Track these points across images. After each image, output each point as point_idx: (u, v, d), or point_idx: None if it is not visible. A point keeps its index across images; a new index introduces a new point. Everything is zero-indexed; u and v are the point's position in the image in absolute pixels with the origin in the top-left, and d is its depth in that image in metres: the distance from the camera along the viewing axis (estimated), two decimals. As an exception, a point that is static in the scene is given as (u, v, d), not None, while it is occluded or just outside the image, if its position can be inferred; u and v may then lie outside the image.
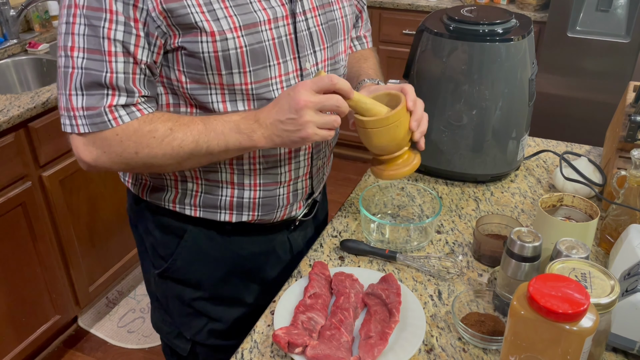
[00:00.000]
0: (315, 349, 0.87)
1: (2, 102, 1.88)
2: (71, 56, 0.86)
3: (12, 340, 1.99)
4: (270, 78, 0.95)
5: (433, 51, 1.28)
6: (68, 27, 0.86)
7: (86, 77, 0.86)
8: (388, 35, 3.22)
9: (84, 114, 0.88)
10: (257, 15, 0.91)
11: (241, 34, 0.90)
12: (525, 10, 2.93)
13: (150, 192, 1.07)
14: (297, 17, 0.97)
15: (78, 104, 0.88)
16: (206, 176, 1.02)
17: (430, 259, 1.12)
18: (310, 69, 1.01)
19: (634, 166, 1.06)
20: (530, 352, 0.72)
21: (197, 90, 0.93)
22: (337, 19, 1.05)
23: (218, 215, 1.05)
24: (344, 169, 3.55)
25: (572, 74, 2.80)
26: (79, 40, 0.86)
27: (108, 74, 0.86)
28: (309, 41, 0.99)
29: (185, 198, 1.04)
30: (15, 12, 2.39)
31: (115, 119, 0.89)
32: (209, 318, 1.14)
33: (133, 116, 0.90)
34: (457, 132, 1.30)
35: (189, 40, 0.88)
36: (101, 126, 0.89)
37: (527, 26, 1.27)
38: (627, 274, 0.91)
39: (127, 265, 2.47)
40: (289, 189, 1.08)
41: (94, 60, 0.86)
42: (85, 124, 0.89)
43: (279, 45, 0.95)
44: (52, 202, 2.02)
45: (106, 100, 0.88)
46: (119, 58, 0.87)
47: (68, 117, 0.89)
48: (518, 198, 1.32)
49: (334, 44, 1.05)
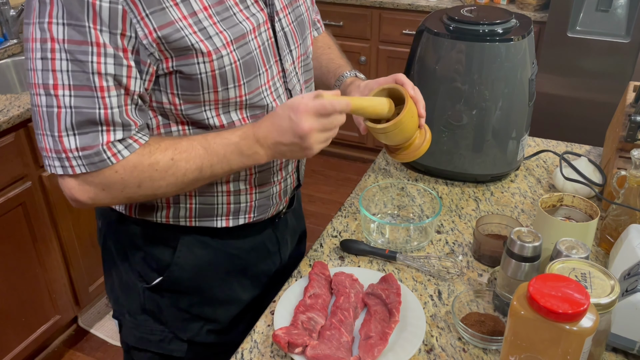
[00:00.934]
0: (315, 349, 0.87)
1: (2, 102, 1.88)
2: (55, 95, 0.79)
3: (12, 340, 1.99)
4: (261, 85, 0.95)
5: (433, 51, 1.28)
6: (46, 64, 0.79)
7: (77, 116, 0.80)
8: (388, 35, 3.22)
9: (79, 154, 0.82)
10: (244, 26, 0.90)
11: (233, 48, 0.88)
12: (525, 10, 2.93)
13: (139, 210, 1.02)
14: (275, 19, 0.96)
15: (71, 145, 0.81)
16: (201, 189, 0.99)
17: (430, 259, 1.12)
18: (289, 68, 1.01)
19: (634, 166, 1.06)
20: (530, 352, 0.72)
21: (191, 109, 0.91)
22: (303, 13, 1.05)
23: (215, 222, 1.04)
24: (344, 169, 3.55)
25: (572, 74, 2.80)
26: (63, 77, 0.79)
27: (102, 110, 0.81)
28: (285, 41, 0.99)
29: (179, 212, 1.01)
30: (15, 12, 2.39)
31: (114, 155, 0.84)
32: (206, 320, 1.13)
33: (132, 149, 0.86)
34: (457, 132, 1.30)
35: (185, 63, 0.85)
36: (100, 165, 0.83)
37: (527, 26, 1.27)
38: (627, 274, 0.91)
39: (127, 265, 2.47)
40: (281, 187, 1.08)
41: (83, 97, 0.80)
42: (81, 165, 0.83)
43: (264, 52, 0.94)
44: (52, 202, 2.01)
45: (102, 137, 0.82)
46: (112, 92, 0.81)
47: (59, 159, 0.83)
48: (518, 198, 1.32)
49: (304, 39, 1.05)
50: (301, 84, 1.07)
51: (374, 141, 3.49)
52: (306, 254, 1.17)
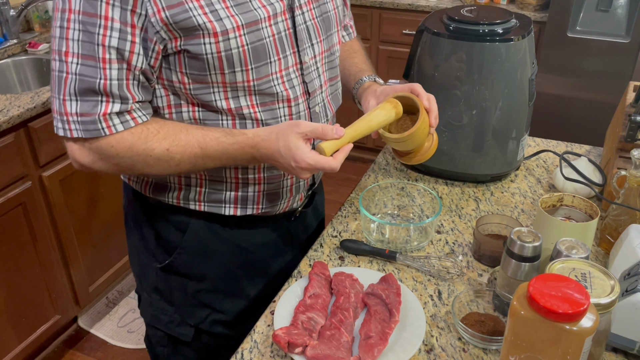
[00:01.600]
0: (315, 349, 0.87)
1: (2, 102, 1.88)
2: (65, 61, 0.86)
3: (12, 340, 1.99)
4: (272, 73, 0.96)
5: (433, 51, 1.28)
6: (62, 32, 0.85)
7: (80, 83, 0.86)
8: (388, 35, 3.22)
9: (77, 119, 0.88)
10: (258, 13, 0.92)
11: (243, 33, 0.90)
12: (525, 10, 2.93)
13: (153, 189, 1.07)
14: (296, 11, 0.98)
15: (72, 109, 0.88)
16: (210, 173, 1.03)
17: (430, 259, 1.12)
18: (309, 62, 1.03)
19: (634, 166, 1.06)
20: (530, 352, 0.72)
21: (200, 90, 0.94)
22: (330, 11, 1.07)
23: (223, 209, 1.06)
24: (344, 169, 3.51)
25: (572, 74, 2.80)
26: (73, 46, 0.85)
27: (102, 80, 0.86)
28: (307, 35, 1.01)
29: (189, 194, 1.05)
30: (15, 12, 2.39)
31: (108, 127, 0.89)
32: (213, 309, 1.15)
33: (127, 125, 0.91)
34: (457, 132, 1.30)
35: (192, 43, 0.88)
36: (94, 133, 0.89)
37: (527, 26, 1.27)
38: (627, 274, 0.91)
39: (127, 265, 2.47)
40: (292, 181, 1.09)
41: (88, 66, 0.86)
42: (78, 129, 0.89)
43: (279, 41, 0.96)
44: (52, 202, 2.02)
45: (100, 107, 0.88)
46: (113, 65, 0.86)
47: (61, 120, 0.89)
48: (518, 198, 1.32)
49: (328, 36, 1.07)
50: (322, 80, 1.08)
51: (374, 141, 3.49)
52: (311, 247, 1.17)
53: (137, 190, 1.10)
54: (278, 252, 1.18)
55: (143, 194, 1.09)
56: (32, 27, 2.55)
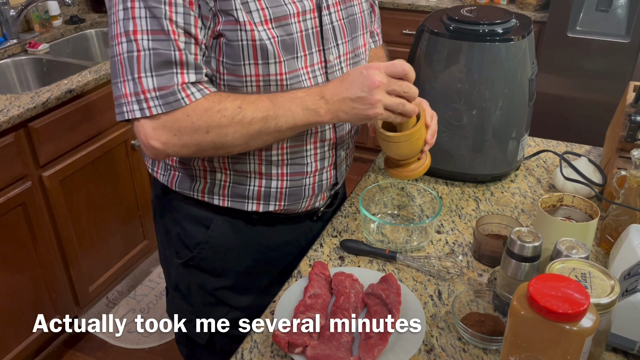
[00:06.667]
0: (315, 349, 0.87)
1: (2, 102, 1.88)
2: (135, 39, 0.87)
3: (12, 340, 1.99)
4: (299, 69, 0.99)
5: (433, 51, 1.28)
6: (127, 13, 0.87)
7: (155, 57, 0.87)
8: (388, 35, 3.19)
9: (156, 94, 0.88)
10: (288, 8, 0.95)
11: (272, 26, 0.93)
12: (525, 10, 2.93)
13: (180, 183, 1.09)
14: (323, 11, 1.01)
15: (149, 85, 0.88)
16: (234, 167, 1.04)
17: (430, 259, 1.12)
18: (334, 61, 1.05)
19: (634, 166, 1.06)
20: (530, 352, 0.72)
21: (233, 82, 0.96)
22: (357, 14, 1.10)
23: (246, 205, 1.08)
24: (344, 169, 3.54)
25: (572, 74, 2.80)
26: (142, 23, 0.87)
27: (177, 51, 0.88)
28: (333, 34, 1.04)
29: (214, 188, 1.07)
30: (15, 12, 2.39)
31: (188, 96, 0.90)
32: (230, 307, 1.16)
33: (203, 93, 0.91)
34: (457, 132, 1.30)
35: (229, 29, 0.91)
36: (175, 105, 0.89)
37: (527, 26, 1.27)
38: (627, 274, 0.91)
39: (127, 265, 2.47)
40: (315, 179, 1.10)
41: (160, 40, 0.87)
42: (158, 105, 0.89)
43: (306, 38, 0.99)
44: (52, 202, 2.02)
45: (177, 78, 0.89)
46: (182, 38, 0.89)
47: (137, 101, 0.89)
48: (518, 198, 1.32)
49: (353, 38, 1.09)
50: None
51: (374, 141, 3.48)
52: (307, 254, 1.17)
53: (165, 185, 1.11)
54: (300, 251, 1.19)
55: (170, 188, 1.11)
56: (32, 27, 2.55)
